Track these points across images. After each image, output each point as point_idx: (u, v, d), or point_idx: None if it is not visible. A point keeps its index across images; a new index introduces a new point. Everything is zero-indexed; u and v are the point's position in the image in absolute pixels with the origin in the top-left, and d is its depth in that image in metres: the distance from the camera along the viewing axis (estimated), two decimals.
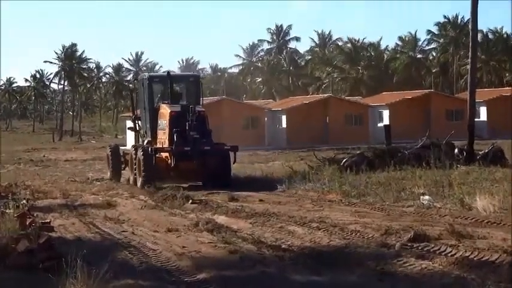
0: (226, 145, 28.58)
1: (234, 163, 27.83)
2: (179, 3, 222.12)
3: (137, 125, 31.63)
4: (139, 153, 27.61)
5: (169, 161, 27.12)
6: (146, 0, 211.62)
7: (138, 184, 27.23)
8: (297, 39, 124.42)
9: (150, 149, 27.32)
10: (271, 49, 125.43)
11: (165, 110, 28.33)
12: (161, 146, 27.72)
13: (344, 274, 10.75)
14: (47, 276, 10.08)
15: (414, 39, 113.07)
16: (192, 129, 26.88)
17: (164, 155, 27.44)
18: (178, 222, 16.76)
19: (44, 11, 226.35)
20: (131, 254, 12.81)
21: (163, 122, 28.21)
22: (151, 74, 33.83)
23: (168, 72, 33.96)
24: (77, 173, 37.46)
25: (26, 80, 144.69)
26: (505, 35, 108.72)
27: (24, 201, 20.68)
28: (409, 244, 12.47)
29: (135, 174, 27.96)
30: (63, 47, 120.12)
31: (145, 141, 29.59)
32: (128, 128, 38.03)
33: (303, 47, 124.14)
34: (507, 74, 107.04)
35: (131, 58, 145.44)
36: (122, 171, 31.26)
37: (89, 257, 10.52)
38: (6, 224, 13.29)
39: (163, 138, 27.99)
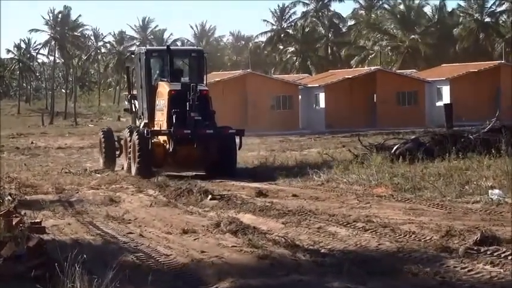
0: (232, 128, 29.50)
1: (239, 148, 29.04)
2: None
3: (133, 105, 32.59)
4: (134, 136, 28.68)
5: (167, 145, 28.10)
6: None
7: (132, 171, 28.50)
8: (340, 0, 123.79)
9: (145, 132, 28.40)
10: (307, 12, 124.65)
11: (163, 88, 29.45)
12: (158, 129, 28.80)
13: (395, 284, 10.74)
14: (37, 286, 10.06)
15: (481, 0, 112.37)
16: (193, 110, 27.93)
17: (162, 138, 28.51)
18: (196, 222, 16.82)
19: None
20: (139, 260, 12.80)
21: (162, 101, 29.32)
22: (149, 47, 35.24)
23: (168, 46, 36.72)
24: (72, 163, 37.67)
25: (9, 51, 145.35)
26: None
27: (9, 197, 20.91)
28: (475, 248, 12.39)
29: (129, 160, 29.21)
30: (52, 10, 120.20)
31: (142, 124, 30.56)
32: (124, 110, 38.65)
33: (345, 9, 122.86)
34: None
35: (137, 25, 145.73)
36: (117, 158, 32.37)
37: (89, 264, 10.62)
38: None
39: (161, 120, 29.13)
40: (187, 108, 27.91)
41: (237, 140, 29.17)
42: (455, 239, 13.26)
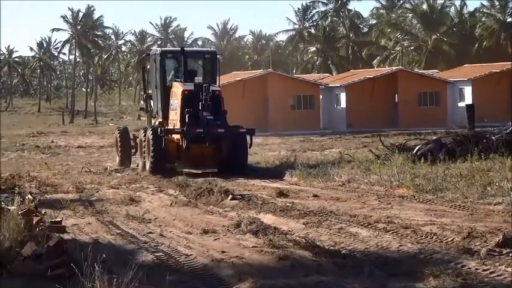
0: (242, 128, 30.65)
1: (250, 147, 30.08)
2: None
3: (149, 104, 33.51)
4: (149, 133, 29.61)
5: (180, 143, 29.05)
6: None
7: (147, 168, 29.46)
8: None
9: (159, 130, 29.39)
10: (328, 12, 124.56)
11: (177, 88, 30.39)
12: (172, 127, 29.75)
13: (417, 286, 10.70)
14: (57, 285, 10.08)
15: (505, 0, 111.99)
16: (205, 110, 29.00)
17: (175, 137, 29.48)
18: (216, 222, 16.83)
19: None
20: (159, 260, 12.83)
21: (176, 101, 30.27)
22: (164, 48, 36.79)
23: (182, 47, 37.60)
24: (92, 162, 37.76)
25: (31, 49, 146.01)
26: None
27: (29, 196, 20.96)
28: (498, 250, 12.36)
29: (144, 158, 30.19)
30: (73, 11, 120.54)
31: (157, 122, 31.53)
32: (140, 109, 39.50)
33: (366, 8, 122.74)
34: None
35: (158, 24, 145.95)
36: (132, 156, 33.31)
37: (108, 264, 10.67)
38: (9, 224, 13.26)
39: (175, 119, 30.11)
40: (200, 108, 28.92)
41: (248, 138, 30.12)
42: (477, 240, 13.21)
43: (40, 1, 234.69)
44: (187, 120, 28.98)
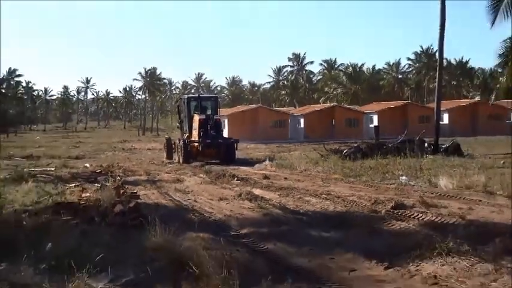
0: (232, 139, 32.53)
1: (236, 149, 31.41)
2: (228, 40, 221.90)
3: (182, 126, 34.72)
4: (181, 143, 31.56)
5: (198, 147, 30.61)
6: (204, 36, 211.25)
7: (180, 161, 30.82)
8: (311, 63, 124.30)
9: (186, 141, 31.18)
10: (293, 70, 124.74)
11: (196, 117, 31.68)
12: (193, 140, 31.08)
13: (345, 231, 10.72)
14: (134, 231, 10.15)
15: (397, 64, 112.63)
16: (211, 129, 30.68)
17: (195, 144, 30.83)
18: (227, 193, 16.81)
19: (130, 44, 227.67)
20: (194, 216, 12.82)
21: (195, 124, 31.42)
22: (189, 95, 37.59)
23: (199, 94, 41.56)
24: (155, 157, 37.60)
25: (120, 92, 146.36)
26: (463, 62, 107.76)
27: (118, 177, 21.01)
28: (391, 211, 12.43)
29: (178, 155, 31.76)
30: (145, 69, 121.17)
31: (185, 136, 32.53)
32: (177, 127, 40.62)
33: (315, 68, 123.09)
34: (464, 90, 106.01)
35: (194, 77, 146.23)
36: (173, 154, 34.04)
37: (164, 217, 10.63)
38: (106, 193, 13.40)
39: (195, 134, 31.24)
40: (209, 128, 30.62)
41: (236, 145, 31.51)
42: (380, 205, 13.25)
43: (122, 59, 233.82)
44: (201, 135, 30.45)
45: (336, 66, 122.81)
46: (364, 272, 8.24)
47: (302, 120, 71.44)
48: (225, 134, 44.63)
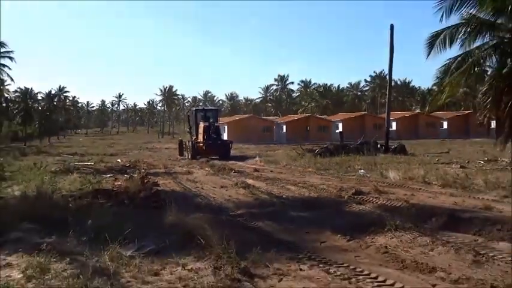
0: (228, 141, 33.06)
1: (231, 148, 31.47)
2: (226, 63, 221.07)
3: (191, 131, 34.61)
4: (190, 143, 31.90)
5: (203, 147, 30.78)
6: (211, 57, 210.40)
7: (189, 157, 31.03)
8: (292, 83, 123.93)
9: (194, 142, 31.53)
10: (278, 88, 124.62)
11: (201, 124, 32.19)
12: (199, 141, 31.34)
13: (318, 212, 10.71)
14: (155, 211, 10.09)
15: (357, 84, 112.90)
16: (213, 133, 31.15)
17: (201, 144, 31.03)
18: (226, 182, 16.78)
19: (152, 67, 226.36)
20: (200, 199, 12.77)
21: (201, 130, 31.86)
22: (196, 108, 38.60)
23: (204, 107, 42.44)
24: (171, 155, 37.19)
25: (144, 104, 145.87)
26: (407, 82, 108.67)
27: (143, 170, 20.87)
28: (352, 196, 12.42)
29: (188, 153, 32.06)
30: (164, 87, 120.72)
31: (194, 138, 32.74)
32: (187, 132, 40.71)
33: (295, 87, 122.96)
34: (408, 104, 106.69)
35: (202, 93, 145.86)
36: (184, 152, 34.15)
37: (178, 201, 10.62)
38: (133, 182, 13.25)
39: (200, 137, 31.58)
40: (211, 133, 30.99)
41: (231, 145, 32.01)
42: (344, 192, 13.25)
43: (146, 79, 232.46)
44: (205, 138, 30.78)
45: (310, 85, 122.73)
46: (331, 243, 8.25)
47: (284, 127, 71.27)
48: (225, 137, 44.68)
